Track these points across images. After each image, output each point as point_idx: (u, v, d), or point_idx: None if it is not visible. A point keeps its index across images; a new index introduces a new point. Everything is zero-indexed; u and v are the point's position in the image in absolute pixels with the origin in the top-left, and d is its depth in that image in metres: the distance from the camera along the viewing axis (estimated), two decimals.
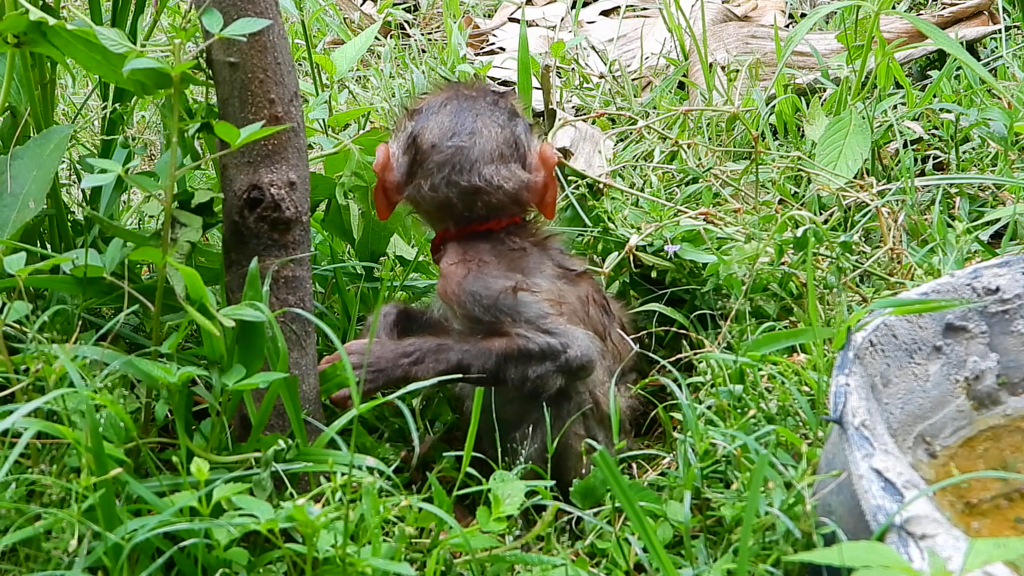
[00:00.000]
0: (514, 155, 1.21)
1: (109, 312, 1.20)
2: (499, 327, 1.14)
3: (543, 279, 1.19)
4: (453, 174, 1.18)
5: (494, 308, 1.15)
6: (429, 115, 1.21)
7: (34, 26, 1.01)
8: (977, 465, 1.03)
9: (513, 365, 1.12)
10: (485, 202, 1.19)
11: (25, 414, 0.86)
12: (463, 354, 1.12)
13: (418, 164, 1.20)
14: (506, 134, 1.20)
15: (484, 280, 1.16)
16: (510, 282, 1.16)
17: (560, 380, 1.14)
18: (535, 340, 1.12)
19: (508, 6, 3.08)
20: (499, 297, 1.15)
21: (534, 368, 1.12)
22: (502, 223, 1.21)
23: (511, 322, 1.14)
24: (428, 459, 1.23)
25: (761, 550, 0.92)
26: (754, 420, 1.07)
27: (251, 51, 1.01)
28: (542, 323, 1.14)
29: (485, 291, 1.15)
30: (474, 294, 1.15)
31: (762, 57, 2.25)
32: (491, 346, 1.12)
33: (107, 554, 0.86)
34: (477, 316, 1.15)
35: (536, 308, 1.15)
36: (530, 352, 1.12)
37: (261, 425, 1.02)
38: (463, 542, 0.94)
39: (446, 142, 1.18)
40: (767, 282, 1.36)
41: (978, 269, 1.11)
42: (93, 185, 1.23)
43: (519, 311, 1.14)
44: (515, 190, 1.19)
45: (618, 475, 0.87)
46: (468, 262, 1.18)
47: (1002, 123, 1.75)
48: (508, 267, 1.18)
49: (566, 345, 1.13)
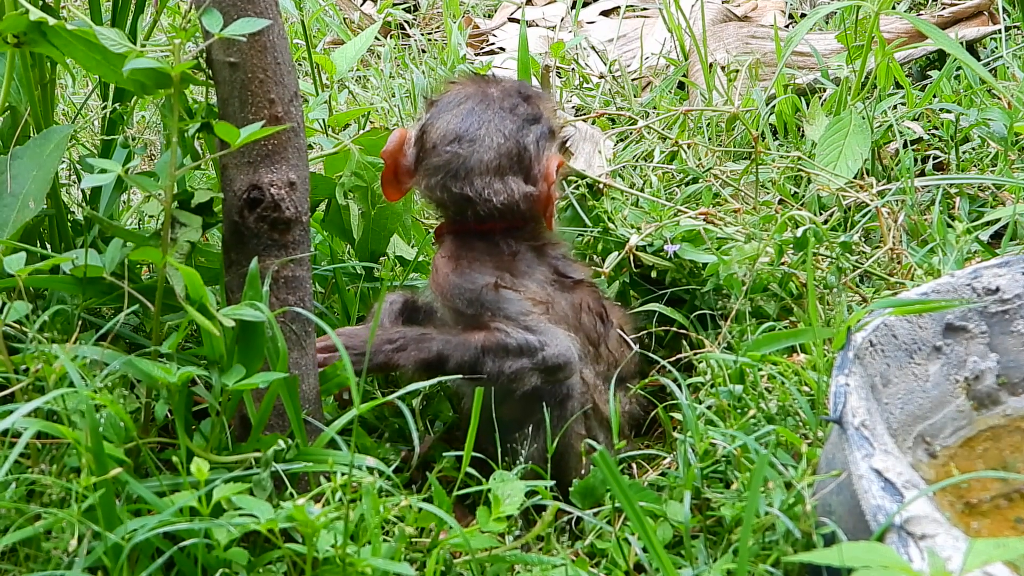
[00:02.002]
0: (515, 167, 1.20)
1: (109, 312, 1.20)
2: (480, 320, 1.15)
3: (531, 282, 1.19)
4: (447, 179, 1.18)
5: (476, 302, 1.16)
6: (442, 111, 1.22)
7: (34, 26, 1.01)
8: (977, 465, 1.03)
9: (491, 358, 1.12)
10: (475, 211, 1.19)
11: (25, 414, 0.86)
12: (444, 344, 1.12)
13: (421, 159, 1.22)
14: (510, 145, 1.19)
15: (469, 275, 1.18)
16: (494, 278, 1.17)
17: (536, 378, 1.14)
18: (513, 335, 1.13)
19: (508, 6, 3.08)
20: (481, 291, 1.16)
21: (510, 363, 1.12)
22: (499, 226, 1.21)
23: (491, 316, 1.15)
24: (428, 459, 1.23)
25: (761, 550, 0.92)
26: (754, 420, 1.07)
27: (251, 51, 1.01)
28: (522, 319, 1.14)
29: (469, 284, 1.17)
30: (458, 286, 1.17)
31: (762, 57, 2.25)
32: (471, 338, 1.13)
33: (107, 554, 0.86)
34: (460, 308, 1.17)
35: (518, 305, 1.16)
36: (507, 346, 1.12)
37: (261, 425, 1.02)
38: (463, 542, 0.94)
39: (445, 146, 1.19)
40: (767, 282, 1.36)
41: (978, 269, 1.11)
42: (93, 185, 1.23)
43: (500, 306, 1.15)
44: (505, 204, 1.18)
45: (618, 475, 0.87)
46: (459, 257, 1.20)
47: (1002, 123, 1.74)
48: (496, 266, 1.19)
49: (544, 343, 1.13)
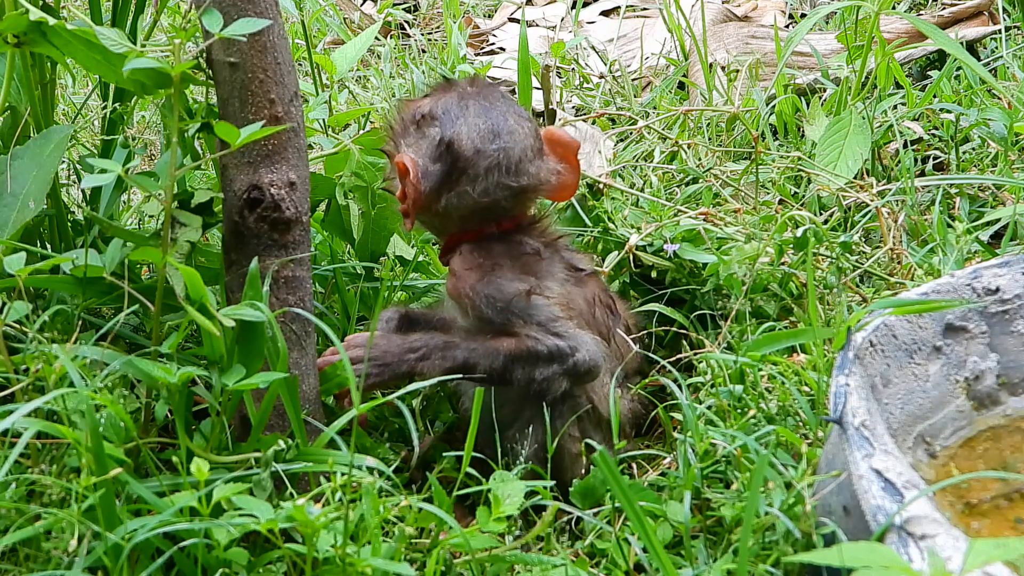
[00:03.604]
0: (541, 146, 1.21)
1: (109, 312, 1.20)
2: (509, 328, 1.14)
3: (554, 283, 1.19)
4: (501, 176, 1.16)
5: (507, 311, 1.15)
6: (455, 120, 1.17)
7: (34, 26, 1.01)
8: (977, 465, 1.02)
9: (520, 366, 1.12)
10: (532, 199, 1.21)
11: (25, 414, 0.86)
12: (470, 352, 1.12)
13: (460, 171, 1.16)
14: (528, 126, 1.20)
15: (498, 283, 1.16)
16: (524, 285, 1.16)
17: (565, 383, 1.14)
18: (544, 342, 1.13)
19: (508, 6, 3.08)
20: (512, 300, 1.15)
21: (541, 370, 1.12)
22: (515, 222, 1.21)
23: (522, 324, 1.14)
24: (428, 459, 1.23)
25: (761, 550, 0.92)
26: (754, 420, 1.07)
27: (251, 51, 1.01)
28: (552, 326, 1.14)
29: (499, 294, 1.15)
30: (489, 296, 1.15)
31: (762, 57, 2.25)
32: (499, 346, 1.12)
33: (107, 554, 0.86)
34: (489, 317, 1.15)
35: (547, 311, 1.15)
36: (538, 354, 1.12)
37: (261, 425, 1.02)
38: (463, 542, 0.94)
39: (490, 145, 1.16)
40: (767, 282, 1.36)
41: (978, 269, 1.11)
42: (93, 185, 1.23)
43: (530, 314, 1.14)
44: (554, 181, 1.21)
45: (618, 475, 0.87)
46: (481, 266, 1.18)
47: (1002, 123, 1.74)
48: (522, 270, 1.18)
49: (574, 348, 1.13)
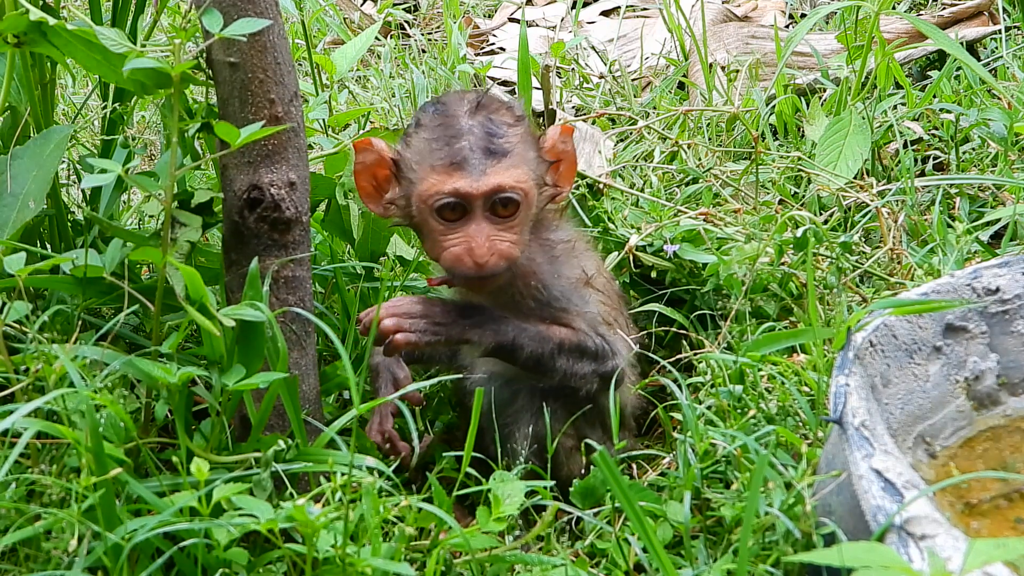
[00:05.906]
0: None
1: (109, 312, 1.20)
2: (561, 319, 1.17)
3: (597, 275, 1.23)
4: None
5: (564, 296, 1.18)
6: None
7: (34, 26, 1.01)
8: (977, 465, 1.02)
9: (566, 357, 1.15)
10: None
11: (25, 414, 0.86)
12: (520, 333, 1.14)
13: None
14: None
15: (558, 267, 1.20)
16: (583, 273, 1.21)
17: (595, 384, 1.17)
18: (594, 339, 1.17)
19: (508, 6, 3.09)
20: (571, 285, 1.19)
21: (582, 365, 1.16)
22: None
23: (575, 314, 1.17)
24: (428, 459, 1.23)
25: (761, 550, 0.92)
26: (754, 420, 1.07)
27: (251, 51, 1.01)
28: (597, 327, 1.18)
29: (555, 279, 1.19)
30: (551, 275, 1.18)
31: (762, 57, 2.25)
32: (551, 334, 1.15)
33: (107, 554, 0.86)
34: (546, 300, 1.18)
35: (595, 307, 1.20)
36: (586, 348, 1.16)
37: (261, 425, 1.02)
38: (463, 542, 0.94)
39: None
40: (767, 282, 1.36)
41: (978, 269, 1.11)
42: (93, 185, 1.23)
43: (582, 305, 1.18)
44: None
45: (618, 475, 0.87)
46: (543, 249, 1.20)
47: (1002, 123, 1.75)
48: (575, 255, 1.22)
49: (615, 352, 1.18)
